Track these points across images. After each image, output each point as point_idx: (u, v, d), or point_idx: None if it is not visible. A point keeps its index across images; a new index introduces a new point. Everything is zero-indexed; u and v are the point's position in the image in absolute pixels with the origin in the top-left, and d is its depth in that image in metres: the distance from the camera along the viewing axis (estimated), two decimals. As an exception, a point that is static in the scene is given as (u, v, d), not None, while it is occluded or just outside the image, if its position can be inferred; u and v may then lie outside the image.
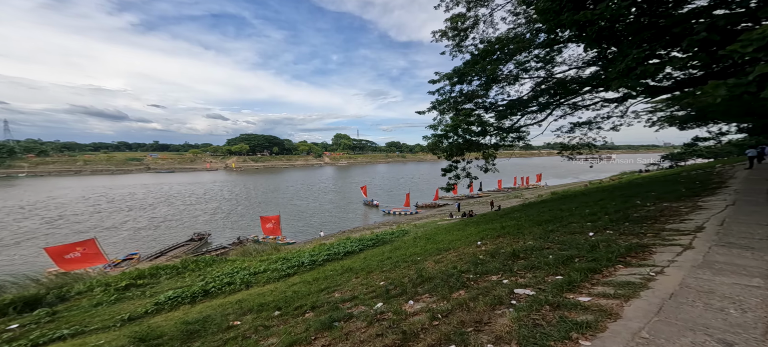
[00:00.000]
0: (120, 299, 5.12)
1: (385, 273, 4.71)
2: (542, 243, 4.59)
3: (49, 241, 19.89)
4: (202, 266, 7.66)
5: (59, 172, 76.30)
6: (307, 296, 3.92)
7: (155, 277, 6.63)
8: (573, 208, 8.13)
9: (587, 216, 6.30)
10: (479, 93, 11.93)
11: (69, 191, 46.82)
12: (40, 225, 26.25)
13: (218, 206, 36.21)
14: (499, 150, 13.64)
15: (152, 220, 28.93)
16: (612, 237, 4.13)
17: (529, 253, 4.03)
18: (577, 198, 12.41)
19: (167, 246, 19.20)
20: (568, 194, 17.07)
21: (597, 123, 12.64)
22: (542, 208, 10.34)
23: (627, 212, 5.93)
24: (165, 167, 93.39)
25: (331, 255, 8.31)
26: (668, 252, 3.25)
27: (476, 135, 12.44)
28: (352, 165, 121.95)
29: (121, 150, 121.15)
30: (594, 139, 12.77)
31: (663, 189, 8.94)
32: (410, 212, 30.73)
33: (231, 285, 5.49)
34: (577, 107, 12.51)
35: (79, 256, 12.52)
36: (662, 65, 5.79)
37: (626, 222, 5.04)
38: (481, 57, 10.45)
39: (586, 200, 10.13)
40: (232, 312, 3.53)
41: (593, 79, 10.37)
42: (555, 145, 13.82)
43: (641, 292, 2.19)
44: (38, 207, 33.49)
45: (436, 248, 6.19)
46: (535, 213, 8.89)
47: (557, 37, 9.58)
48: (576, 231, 5.01)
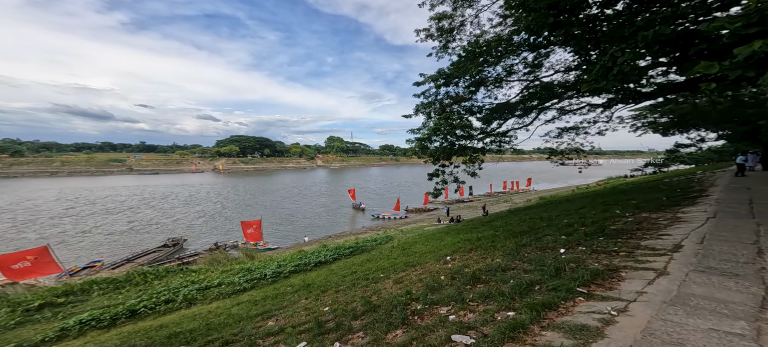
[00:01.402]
0: (24, 322, 4.43)
1: (338, 295, 4.21)
2: (510, 261, 4.18)
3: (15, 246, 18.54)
4: (150, 278, 6.97)
5: (34, 173, 72.84)
6: (237, 323, 3.38)
7: (86, 293, 5.92)
8: (553, 217, 7.82)
9: (564, 227, 5.95)
10: (466, 96, 11.65)
11: (43, 193, 44.55)
12: (5, 230, 24.63)
13: (201, 209, 34.97)
14: (487, 154, 13.44)
15: (130, 224, 27.59)
16: (582, 257, 3.74)
17: (492, 275, 3.60)
18: (561, 204, 12.19)
19: (135, 253, 18.11)
20: (554, 200, 16.94)
21: (584, 128, 12.55)
22: (524, 216, 10.03)
23: (604, 224, 5.59)
24: (149, 169, 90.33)
25: (301, 266, 7.75)
26: (639, 278, 2.85)
27: (461, 138, 12.18)
28: (345, 168, 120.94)
29: (105, 150, 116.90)
30: (582, 144, 12.68)
31: (644, 196, 8.74)
32: (400, 216, 30.27)
33: (169, 303, 4.89)
34: (564, 112, 12.39)
35: (29, 266, 11.49)
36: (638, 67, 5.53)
37: (601, 237, 4.69)
38: (468, 59, 10.16)
39: (568, 208, 9.87)
40: (137, 343, 2.97)
41: (578, 83, 10.22)
42: (544, 150, 13.74)
43: (594, 344, 1.76)
44: (4, 211, 31.60)
45: (405, 262, 5.74)
46: (515, 222, 8.55)
47: (542, 41, 9.40)
48: (548, 247, 4.62)
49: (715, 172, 15.13)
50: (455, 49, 11.02)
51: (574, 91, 10.51)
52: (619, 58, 4.55)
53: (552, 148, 13.17)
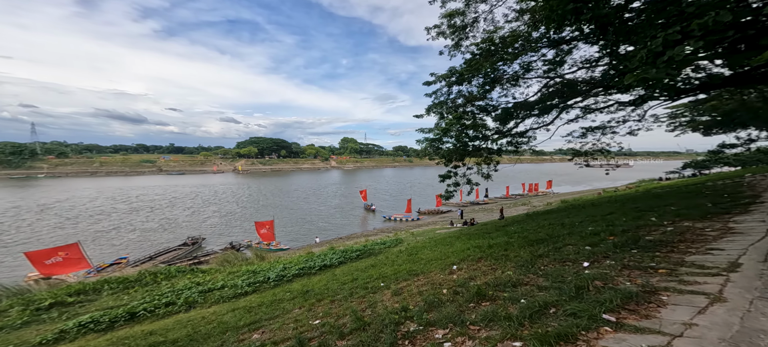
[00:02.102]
0: (30, 322, 4.56)
1: (332, 305, 3.95)
2: (523, 274, 3.71)
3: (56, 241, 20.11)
4: (160, 279, 7.11)
5: (77, 173, 79.62)
6: (222, 333, 3.21)
7: (97, 292, 6.09)
8: (576, 223, 7.12)
9: (588, 236, 5.32)
10: (480, 95, 11.10)
11: (84, 192, 48.52)
12: (49, 226, 26.89)
13: (221, 209, 36.38)
14: (504, 155, 12.77)
15: (158, 222, 29.19)
16: (610, 273, 3.21)
17: (500, 291, 3.17)
18: (585, 209, 11.24)
19: (158, 251, 19.02)
20: (577, 204, 15.75)
21: (612, 127, 11.56)
22: (543, 221, 9.30)
23: (637, 233, 4.92)
24: (176, 169, 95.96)
25: (305, 269, 7.61)
26: (686, 305, 2.33)
27: (474, 139, 11.64)
28: (359, 169, 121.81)
29: (139, 152, 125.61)
30: (608, 145, 11.70)
31: (685, 202, 7.75)
32: (411, 218, 29.74)
33: (169, 306, 4.86)
34: (589, 110, 11.48)
35: (61, 261, 12.33)
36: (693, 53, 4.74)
37: (634, 249, 4.07)
38: (482, 57, 9.64)
39: (593, 213, 9.03)
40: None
41: (605, 79, 9.37)
42: (567, 151, 12.86)
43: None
44: (50, 207, 34.62)
45: (409, 270, 5.38)
46: (532, 228, 7.90)
47: (564, 35, 8.72)
48: (569, 259, 4.09)
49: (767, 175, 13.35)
50: (468, 47, 10.51)
51: (600, 87, 9.68)
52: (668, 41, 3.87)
53: (575, 149, 12.24)
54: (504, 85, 11.04)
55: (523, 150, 12.81)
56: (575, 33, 8.41)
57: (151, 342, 3.09)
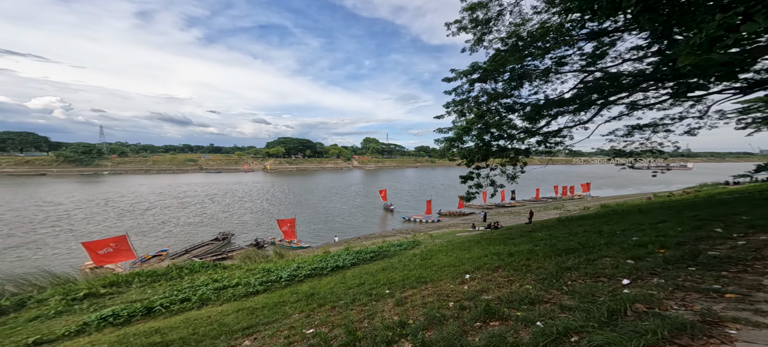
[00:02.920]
0: (63, 312, 5.00)
1: (332, 312, 3.78)
2: (544, 289, 3.22)
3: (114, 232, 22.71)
4: (184, 273, 7.54)
5: (134, 171, 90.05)
6: (216, 337, 3.18)
7: (128, 285, 6.58)
8: (617, 232, 6.23)
9: (631, 247, 4.55)
10: (507, 92, 10.34)
11: (140, 187, 54.69)
12: (112, 217, 30.55)
13: (251, 206, 38.58)
14: (533, 156, 11.84)
15: (199, 217, 31.75)
16: (657, 295, 2.62)
17: (514, 309, 2.74)
18: (630, 216, 9.94)
19: (193, 245, 20.60)
20: (620, 209, 14.04)
21: (665, 125, 10.13)
22: (576, 227, 8.35)
23: (697, 247, 4.08)
24: (214, 167, 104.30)
25: (317, 269, 7.59)
26: (763, 343, 1.76)
27: (498, 138, 10.89)
28: (380, 169, 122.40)
29: (184, 151, 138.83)
30: (661, 144, 10.26)
31: (760, 211, 6.40)
32: (431, 220, 28.97)
33: (184, 303, 5.07)
34: (636, 107, 10.17)
35: (112, 251, 13.83)
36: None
37: (692, 266, 3.34)
38: (508, 52, 8.95)
39: (640, 221, 7.90)
40: None
41: (657, 72, 8.17)
42: (609, 151, 11.56)
43: None
44: (114, 201, 39.45)
45: (418, 276, 5.04)
46: (562, 235, 7.10)
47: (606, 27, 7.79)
48: (604, 273, 3.48)
49: None
50: (492, 42, 9.86)
51: (650, 81, 8.46)
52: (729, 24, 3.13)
53: (619, 149, 10.93)
54: (533, 82, 10.18)
55: (557, 150, 11.76)
56: (618, 23, 7.48)
57: (150, 341, 3.15)
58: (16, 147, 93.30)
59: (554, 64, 9.35)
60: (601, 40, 8.48)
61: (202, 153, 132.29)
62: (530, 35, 8.56)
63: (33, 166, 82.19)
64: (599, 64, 9.16)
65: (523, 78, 9.87)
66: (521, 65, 9.30)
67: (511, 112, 10.65)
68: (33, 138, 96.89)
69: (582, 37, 8.49)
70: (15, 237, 22.95)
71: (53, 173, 79.23)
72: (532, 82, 10.17)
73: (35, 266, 15.56)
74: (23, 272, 7.57)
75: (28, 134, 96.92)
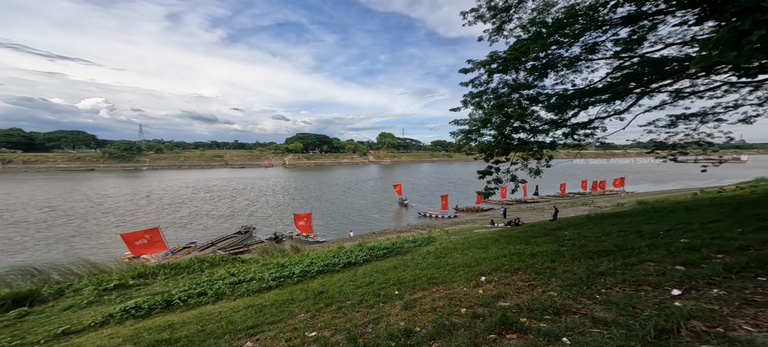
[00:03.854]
0: (93, 302, 5.31)
1: (337, 314, 3.64)
2: (572, 298, 2.84)
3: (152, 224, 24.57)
4: (205, 266, 7.85)
5: (168, 166, 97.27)
6: (221, 336, 3.15)
7: (154, 276, 6.91)
8: (660, 232, 5.54)
9: (680, 250, 3.96)
10: (529, 83, 9.63)
11: (174, 181, 59.00)
12: (154, 209, 33.14)
13: (274, 200, 40.03)
14: (559, 149, 11.03)
15: (230, 209, 33.48)
16: (719, 310, 2.17)
17: (535, 320, 2.41)
18: (674, 214, 8.93)
19: (218, 238, 21.70)
20: (662, 207, 12.72)
21: (716, 114, 8.90)
22: (610, 226, 7.60)
23: (765, 252, 3.45)
24: (238, 163, 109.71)
25: (330, 266, 7.56)
26: None
27: (519, 130, 10.22)
28: (396, 163, 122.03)
29: (212, 148, 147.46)
30: (710, 135, 9.06)
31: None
32: (448, 215, 28.30)
33: (200, 297, 5.20)
34: (682, 95, 9.01)
35: (146, 243, 14.91)
36: None
37: (762, 275, 2.79)
38: (532, 41, 8.28)
39: (687, 220, 7.02)
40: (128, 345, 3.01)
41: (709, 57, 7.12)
42: (647, 143, 10.46)
43: None
44: (156, 194, 42.87)
45: (430, 277, 4.78)
46: (594, 235, 6.47)
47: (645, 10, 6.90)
48: (646, 282, 3.01)
49: None
50: (513, 30, 9.17)
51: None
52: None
53: (660, 141, 9.81)
54: (559, 71, 9.38)
55: (586, 143, 10.84)
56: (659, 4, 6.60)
57: (160, 337, 3.20)
58: (69, 144, 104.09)
59: (584, 51, 8.51)
60: (640, 25, 7.53)
61: (228, 149, 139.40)
62: (556, 21, 7.80)
63: (83, 161, 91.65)
64: (637, 50, 8.18)
65: (547, 67, 9.12)
66: (545, 53, 8.59)
67: (534, 103, 9.93)
68: (83, 136, 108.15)
69: (616, 21, 7.62)
70: (71, 226, 25.61)
71: (101, 168, 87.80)
72: (558, 71, 9.37)
73: (83, 255, 17.25)
74: (68, 261, 8.29)
75: (79, 132, 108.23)
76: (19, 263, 8.64)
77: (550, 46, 8.22)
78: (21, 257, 17.80)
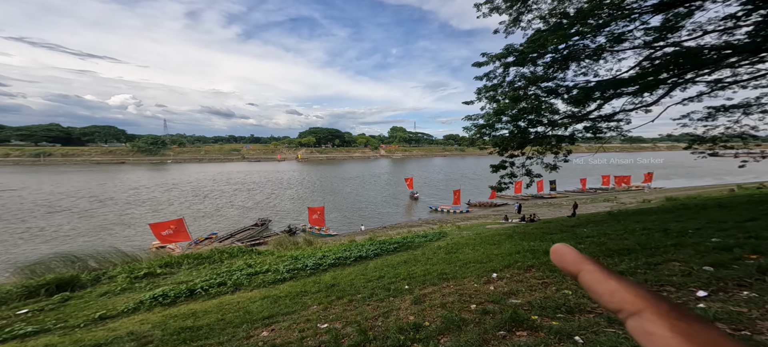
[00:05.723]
0: (126, 289, 5.72)
1: (348, 307, 3.74)
2: (587, 297, 2.75)
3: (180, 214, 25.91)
4: (224, 257, 8.23)
5: (189, 160, 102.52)
6: (239, 325, 3.32)
7: (178, 266, 7.34)
8: (689, 230, 5.23)
9: (710, 250, 3.73)
10: (548, 75, 9.24)
11: (198, 174, 62.02)
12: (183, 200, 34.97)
13: (292, 193, 41.11)
14: (579, 143, 10.60)
15: (252, 201, 34.81)
16: (748, 314, 2.05)
17: (548, 318, 2.37)
18: (706, 211, 8.38)
19: (237, 229, 22.63)
20: (692, 203, 11.92)
21: (762, 105, 8.16)
22: (634, 224, 7.24)
23: (804, 253, 3.18)
24: (254, 156, 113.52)
25: (341, 259, 7.73)
26: None
27: (535, 124, 9.89)
28: (407, 158, 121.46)
29: (229, 142, 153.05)
30: (754, 128, 8.35)
31: None
32: (460, 210, 27.94)
33: (220, 286, 5.49)
34: (721, 85, 8.32)
35: (172, 233, 15.84)
36: None
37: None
38: (551, 32, 7.91)
39: (720, 218, 6.58)
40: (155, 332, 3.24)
41: (756, 40, 6.48)
42: (681, 137, 9.81)
43: None
44: (184, 185, 45.26)
45: (441, 272, 4.79)
46: (615, 232, 6.21)
47: None
48: (670, 282, 2.87)
49: None
50: (531, 21, 8.78)
51: (744, 53, 6.75)
52: None
53: (696, 135, 9.14)
54: (582, 62, 8.92)
55: (609, 137, 10.33)
56: None
57: (184, 325, 3.42)
58: (102, 138, 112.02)
59: (609, 41, 8.00)
60: (674, 12, 6.97)
61: (244, 143, 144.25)
62: (579, 11, 7.37)
63: (115, 155, 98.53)
64: (670, 38, 7.59)
65: (568, 59, 8.68)
66: (566, 45, 8.17)
67: (553, 96, 9.52)
68: (114, 131, 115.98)
69: (647, 9, 7.10)
70: (108, 217, 27.59)
71: (130, 161, 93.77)
72: (581, 63, 8.90)
73: (120, 242, 18.58)
74: (103, 249, 8.98)
75: (110, 127, 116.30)
76: (62, 250, 9.48)
77: (572, 37, 7.81)
78: (67, 244, 19.41)
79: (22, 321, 4.38)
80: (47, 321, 4.32)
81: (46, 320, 4.38)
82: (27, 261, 7.56)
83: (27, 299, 5.26)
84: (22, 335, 3.86)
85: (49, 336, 3.70)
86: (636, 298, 0.32)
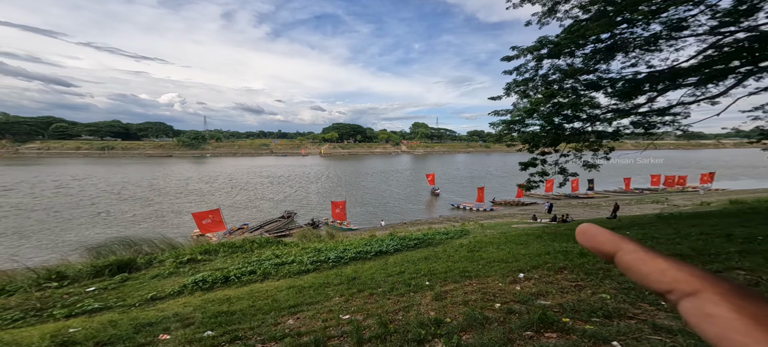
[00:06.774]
0: (172, 273, 6.33)
1: (369, 300, 3.79)
2: (629, 302, 2.55)
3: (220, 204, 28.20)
4: (255, 247, 8.78)
5: (225, 154, 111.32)
6: (268, 313, 3.52)
7: (215, 253, 7.99)
8: (757, 237, 4.58)
9: None
10: (589, 67, 8.52)
11: (232, 168, 66.91)
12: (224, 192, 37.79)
13: (317, 187, 42.68)
14: (623, 139, 9.75)
15: (283, 194, 36.73)
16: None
17: (581, 321, 2.20)
18: None
19: (265, 221, 24.02)
20: (763, 207, 10.31)
21: None
22: (689, 228, 6.45)
23: None
24: (281, 151, 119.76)
25: (362, 253, 7.86)
26: None
27: (572, 119, 9.21)
28: (429, 154, 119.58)
29: (260, 137, 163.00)
30: None
31: None
32: (483, 208, 26.90)
33: (251, 275, 5.87)
34: None
35: (210, 222, 17.27)
36: None
37: None
38: (593, 21, 7.28)
39: None
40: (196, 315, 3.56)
41: None
42: (751, 133, 8.63)
43: None
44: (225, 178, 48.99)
45: (463, 270, 4.66)
46: (665, 236, 5.60)
47: None
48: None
49: None
50: (569, 10, 8.11)
51: None
52: None
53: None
54: (631, 52, 8.07)
55: (663, 132, 9.32)
56: None
57: (221, 309, 3.72)
58: (154, 134, 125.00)
59: (666, 28, 7.12)
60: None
61: (272, 138, 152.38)
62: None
63: (164, 149, 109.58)
64: (744, 22, 6.56)
65: (613, 49, 7.90)
66: (610, 34, 7.44)
67: (594, 90, 8.75)
68: (164, 126, 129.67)
69: None
70: (163, 205, 30.90)
71: (176, 155, 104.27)
72: (628, 53, 8.04)
73: (171, 229, 20.67)
74: (154, 236, 10.08)
75: (160, 123, 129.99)
76: (123, 235, 10.83)
77: (618, 26, 7.09)
78: (129, 230, 22.06)
79: (90, 297, 5.10)
80: (109, 298, 4.96)
81: (108, 297, 5.03)
82: (95, 243, 8.74)
83: (94, 277, 6.10)
84: (90, 310, 4.48)
85: (111, 314, 4.24)
86: (691, 277, 0.28)
